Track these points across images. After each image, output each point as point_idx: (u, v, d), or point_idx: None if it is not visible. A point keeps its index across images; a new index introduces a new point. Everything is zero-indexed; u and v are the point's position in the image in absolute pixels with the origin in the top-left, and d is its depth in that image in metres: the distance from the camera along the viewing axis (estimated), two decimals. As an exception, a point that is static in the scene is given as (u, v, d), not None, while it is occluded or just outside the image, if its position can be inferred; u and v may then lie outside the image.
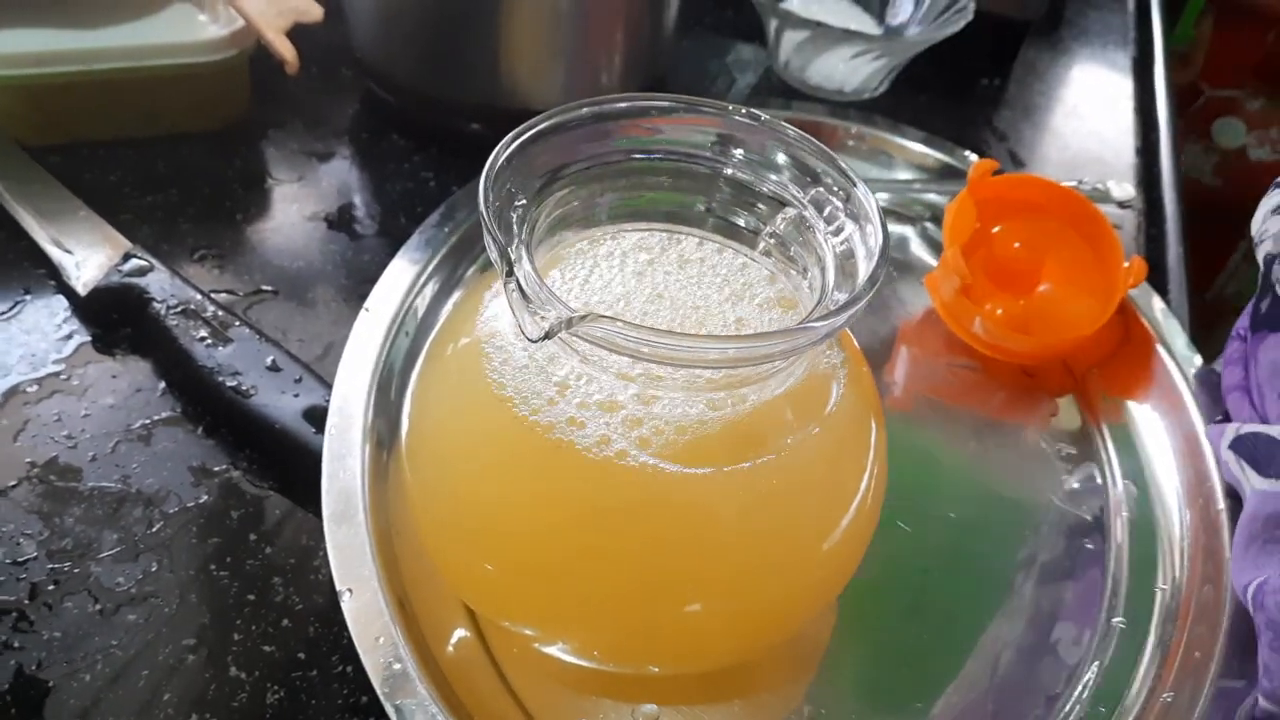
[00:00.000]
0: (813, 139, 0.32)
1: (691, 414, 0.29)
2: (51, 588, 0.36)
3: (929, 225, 0.55)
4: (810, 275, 0.32)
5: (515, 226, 0.30)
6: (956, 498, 0.43)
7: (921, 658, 0.37)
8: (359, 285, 0.48)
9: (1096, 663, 0.37)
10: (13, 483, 0.38)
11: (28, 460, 0.39)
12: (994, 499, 0.43)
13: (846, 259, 0.31)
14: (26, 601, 0.35)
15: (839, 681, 0.36)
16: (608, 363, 0.29)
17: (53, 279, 0.46)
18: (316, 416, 0.39)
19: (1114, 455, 0.45)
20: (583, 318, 0.26)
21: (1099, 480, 0.44)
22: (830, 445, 0.31)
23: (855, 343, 0.35)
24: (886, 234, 0.30)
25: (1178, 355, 0.46)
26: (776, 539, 0.31)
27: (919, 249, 0.54)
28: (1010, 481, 0.44)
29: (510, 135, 0.30)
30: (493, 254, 0.28)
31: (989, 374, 0.48)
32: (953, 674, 0.37)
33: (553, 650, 0.34)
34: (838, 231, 0.32)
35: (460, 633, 0.36)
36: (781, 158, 0.33)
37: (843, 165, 0.32)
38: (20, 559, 0.36)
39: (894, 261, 0.53)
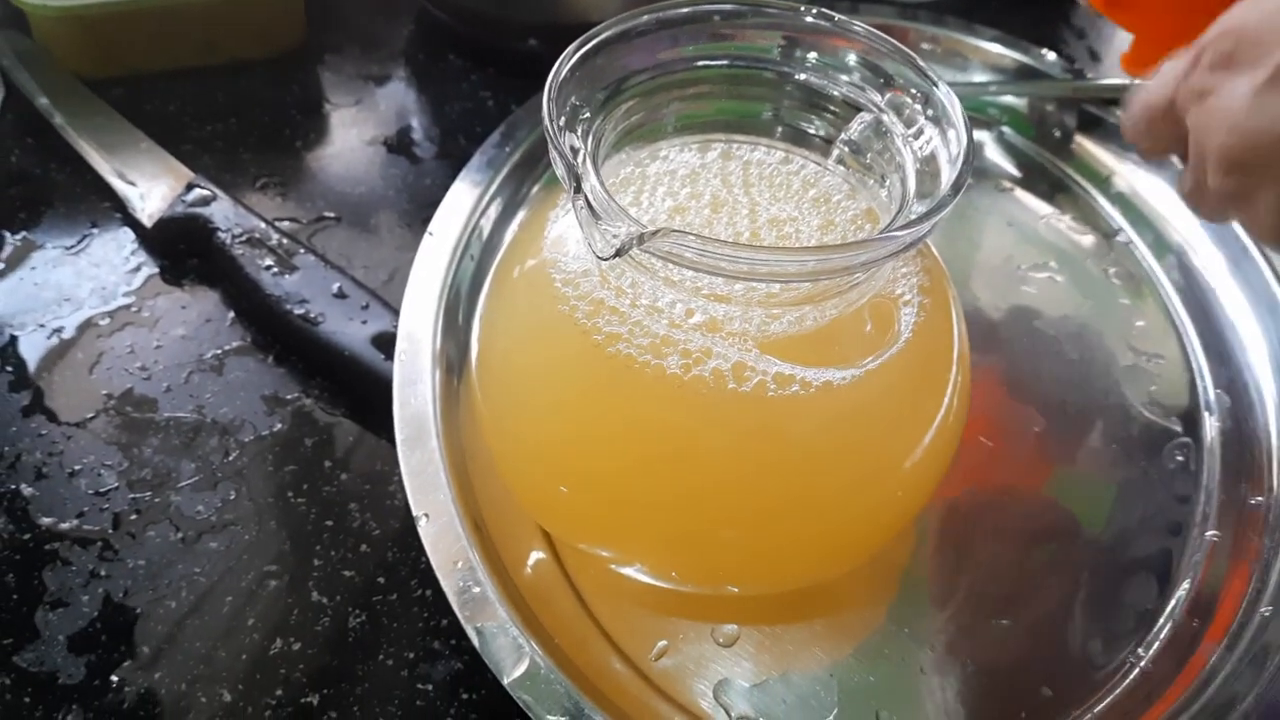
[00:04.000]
0: (888, 38, 0.31)
1: (769, 330, 0.28)
2: (134, 517, 0.36)
3: (1005, 130, 0.53)
4: (889, 183, 0.31)
5: (581, 141, 0.29)
6: (1041, 410, 0.41)
7: (1005, 575, 0.36)
8: (421, 209, 0.48)
9: (1189, 577, 0.36)
10: (90, 415, 0.39)
11: (104, 392, 0.40)
12: (1079, 410, 0.42)
13: (928, 164, 0.29)
14: (110, 531, 0.36)
15: (921, 600, 0.36)
16: (681, 279, 0.28)
17: (118, 211, 0.46)
18: (385, 342, 0.39)
19: (1204, 362, 0.43)
20: (654, 233, 0.25)
21: (1189, 388, 0.42)
22: (913, 360, 0.30)
23: (936, 253, 0.33)
24: (970, 136, 0.29)
25: (1274, 259, 0.44)
26: (858, 457, 0.30)
27: (995, 154, 0.52)
28: (1096, 392, 0.42)
29: (573, 46, 0.29)
30: (559, 170, 0.27)
31: (1071, 281, 0.46)
32: (1038, 592, 0.36)
33: (630, 571, 0.34)
34: (918, 135, 0.30)
35: (537, 555, 0.35)
36: (854, 60, 0.31)
37: (922, 65, 0.30)
38: (102, 489, 0.37)
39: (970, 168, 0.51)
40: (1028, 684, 0.34)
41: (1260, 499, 0.38)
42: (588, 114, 0.30)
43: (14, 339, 0.41)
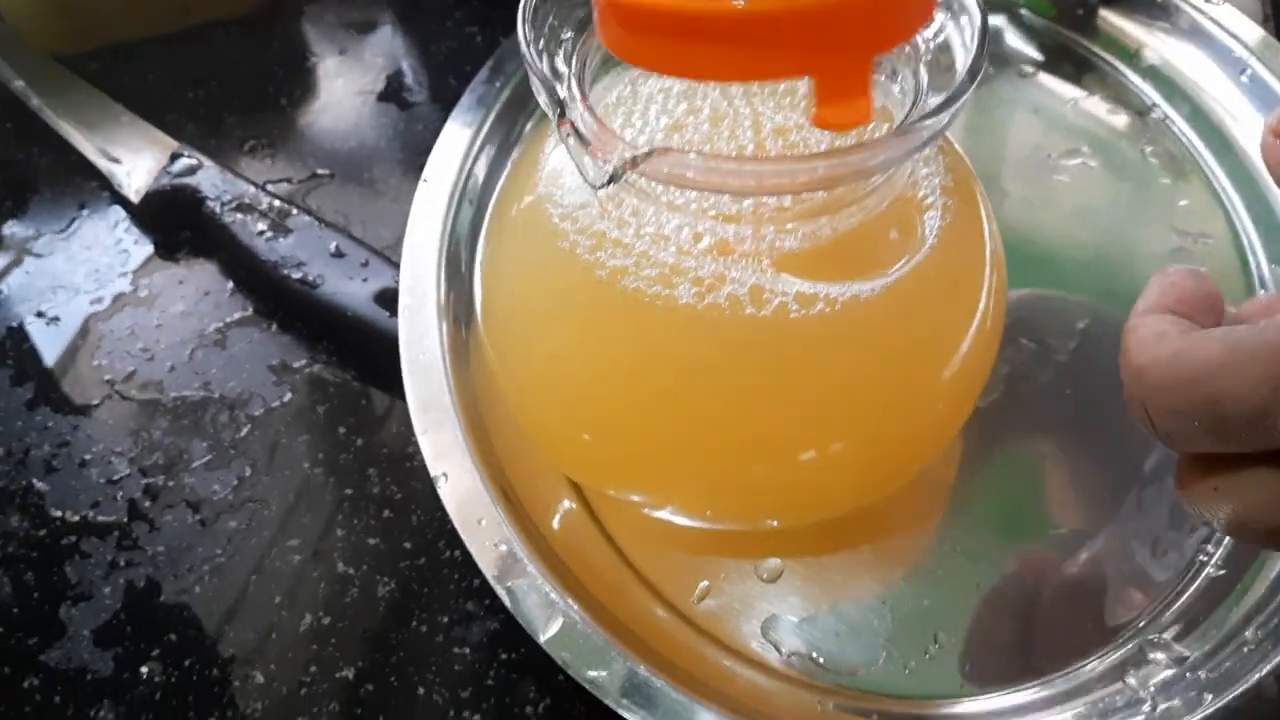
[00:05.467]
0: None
1: (784, 247, 0.26)
2: (149, 503, 0.35)
3: (1024, 11, 0.50)
4: (900, 77, 0.29)
5: (564, 64, 0.27)
6: (1084, 304, 0.39)
7: (1058, 478, 0.35)
8: (416, 157, 0.46)
9: (1255, 467, 0.34)
10: (96, 402, 0.38)
11: (107, 378, 0.38)
12: (1125, 302, 0.39)
13: (941, 53, 0.27)
14: (127, 519, 0.35)
15: (971, 516, 0.34)
16: (685, 202, 0.26)
17: (106, 190, 0.45)
18: (388, 299, 0.38)
19: (1256, 237, 0.40)
20: (648, 154, 0.23)
21: (1240, 268, 0.40)
22: (942, 265, 0.28)
23: (960, 150, 0.31)
24: (985, 17, 0.26)
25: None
26: (893, 373, 0.28)
27: (1014, 39, 0.49)
28: (1142, 280, 0.39)
29: (545, -39, 0.27)
30: (541, 99, 0.25)
31: (1106, 165, 0.43)
32: (1095, 489, 0.34)
33: (663, 514, 0.32)
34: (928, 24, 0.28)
35: (566, 504, 0.34)
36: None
37: (927, -58, 0.28)
38: (114, 477, 0.36)
39: (989, 56, 0.48)
40: (1090, 593, 0.32)
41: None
42: (570, 34, 0.28)
43: (12, 331, 0.40)
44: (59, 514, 0.35)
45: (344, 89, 0.50)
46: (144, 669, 0.32)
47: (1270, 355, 0.20)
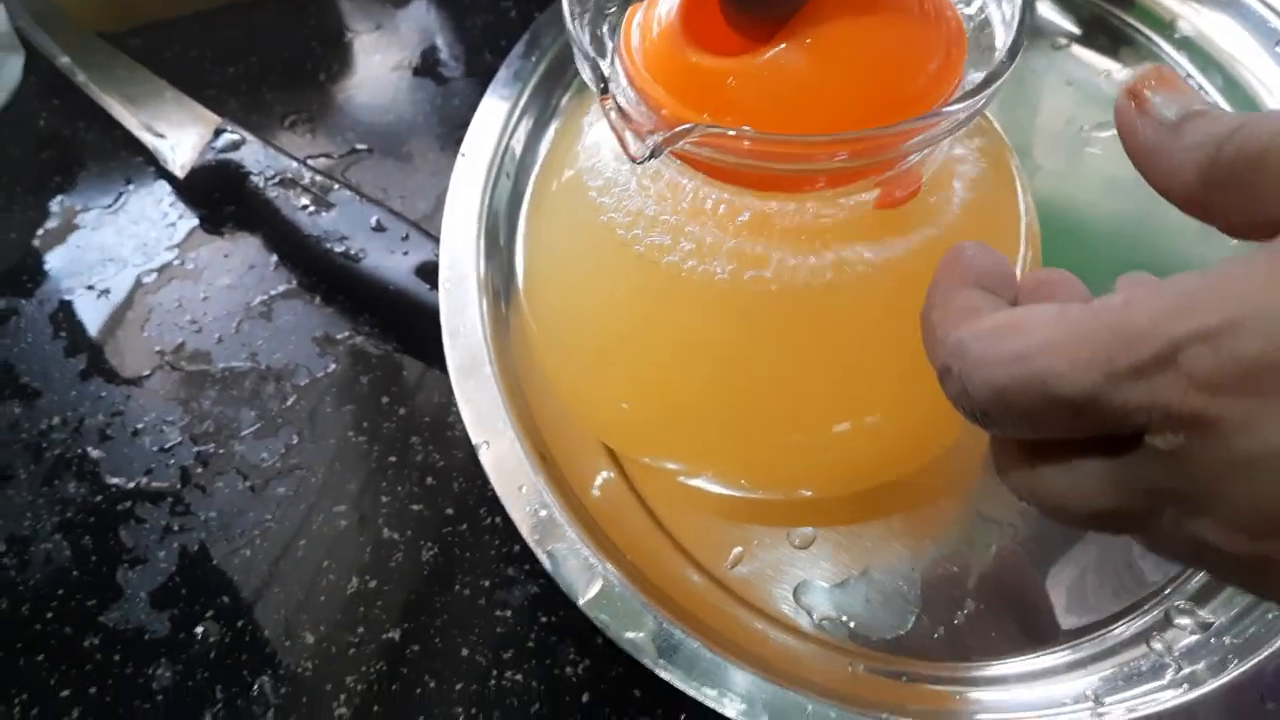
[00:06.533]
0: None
1: (823, 221, 0.27)
2: (200, 470, 0.36)
3: (1057, -18, 0.49)
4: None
5: (607, 39, 0.27)
6: (1119, 274, 0.39)
7: (1088, 451, 0.35)
8: (453, 131, 0.47)
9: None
10: (147, 372, 0.39)
11: (157, 349, 0.39)
12: (1157, 272, 0.39)
13: (981, 30, 0.27)
14: (179, 486, 0.36)
15: (1000, 486, 0.34)
16: (725, 177, 0.27)
17: (151, 165, 0.46)
18: (428, 272, 0.38)
19: (1289, 212, 0.40)
20: (689, 129, 0.24)
21: None
22: (979, 236, 0.28)
23: (995, 123, 0.32)
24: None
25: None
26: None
27: (1048, 10, 0.49)
28: (1174, 254, 0.40)
29: (587, -65, 0.28)
30: (584, 72, 0.25)
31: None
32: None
33: (699, 482, 0.33)
34: (969, 1, 0.28)
35: (604, 471, 0.35)
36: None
37: (965, -82, 0.28)
38: (166, 445, 0.37)
39: (1021, 29, 0.48)
40: (1119, 559, 0.33)
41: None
42: (614, 8, 0.28)
43: (64, 304, 0.41)
44: (114, 481, 0.36)
45: (380, 64, 0.51)
46: (199, 629, 0.33)
47: (1104, 337, 0.18)
